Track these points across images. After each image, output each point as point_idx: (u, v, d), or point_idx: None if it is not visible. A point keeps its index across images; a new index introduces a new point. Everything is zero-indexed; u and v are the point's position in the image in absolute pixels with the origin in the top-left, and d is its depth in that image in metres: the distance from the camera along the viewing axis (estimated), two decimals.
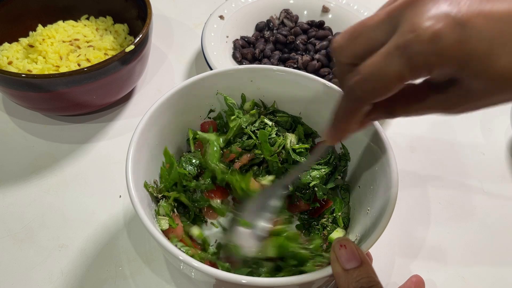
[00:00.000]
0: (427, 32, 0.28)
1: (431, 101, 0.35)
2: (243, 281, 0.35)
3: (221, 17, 0.76)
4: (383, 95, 0.33)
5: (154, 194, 0.48)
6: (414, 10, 0.30)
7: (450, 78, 0.32)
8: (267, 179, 0.52)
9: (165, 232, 0.47)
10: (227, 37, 0.75)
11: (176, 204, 0.51)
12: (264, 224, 0.45)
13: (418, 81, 0.36)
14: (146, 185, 0.47)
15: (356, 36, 0.34)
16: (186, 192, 0.51)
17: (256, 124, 0.54)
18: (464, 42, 0.28)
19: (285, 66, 0.67)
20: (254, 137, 0.53)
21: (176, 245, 0.45)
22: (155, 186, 0.51)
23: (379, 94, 0.33)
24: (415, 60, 0.29)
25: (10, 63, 0.65)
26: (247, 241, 0.44)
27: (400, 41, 0.30)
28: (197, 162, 0.52)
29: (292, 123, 0.56)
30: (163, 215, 0.48)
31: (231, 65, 0.69)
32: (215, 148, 0.51)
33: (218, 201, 0.51)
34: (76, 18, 0.74)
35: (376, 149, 0.47)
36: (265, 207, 0.47)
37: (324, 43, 0.74)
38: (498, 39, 0.28)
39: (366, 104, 0.35)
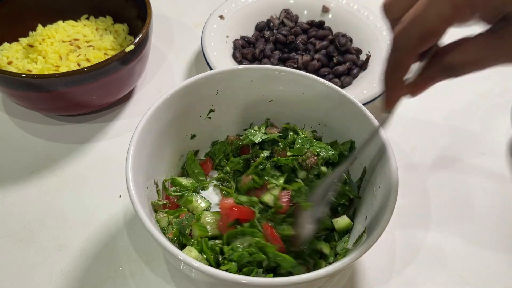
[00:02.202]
0: None
1: (489, 48, 0.32)
2: (243, 281, 0.35)
3: (221, 17, 0.76)
4: (427, 40, 0.32)
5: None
6: None
7: (502, 16, 0.30)
8: (279, 181, 0.52)
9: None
10: (227, 37, 0.75)
11: None
12: None
13: (469, 30, 0.33)
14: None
15: None
16: None
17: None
18: None
19: (285, 66, 0.67)
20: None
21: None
22: (155, 185, 0.51)
23: (423, 40, 0.32)
24: None
25: (10, 63, 0.65)
26: None
27: None
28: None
29: None
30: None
31: (231, 65, 0.69)
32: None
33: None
34: (76, 18, 0.74)
35: (377, 149, 0.47)
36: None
37: (324, 43, 0.74)
38: None
39: (412, 53, 0.34)
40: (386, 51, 0.72)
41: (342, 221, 0.50)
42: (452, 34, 0.34)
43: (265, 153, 0.54)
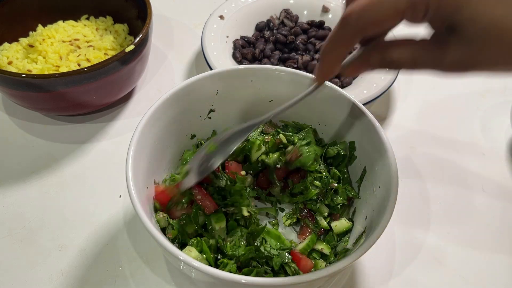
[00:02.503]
0: None
1: (428, 53, 0.34)
2: (243, 281, 0.35)
3: (221, 17, 0.76)
4: (377, 25, 0.33)
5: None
6: None
7: (448, 24, 0.31)
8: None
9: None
10: (227, 37, 0.75)
11: None
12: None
13: (420, 32, 0.34)
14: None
15: None
16: None
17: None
18: None
19: (285, 66, 0.67)
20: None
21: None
22: (154, 185, 0.51)
23: (373, 23, 0.33)
24: None
25: (10, 63, 0.65)
26: None
27: None
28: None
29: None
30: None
31: (231, 65, 0.69)
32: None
33: None
34: (76, 18, 0.74)
35: (376, 149, 0.47)
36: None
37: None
38: None
39: (358, 34, 0.35)
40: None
41: (340, 225, 0.50)
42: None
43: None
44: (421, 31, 0.35)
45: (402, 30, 0.38)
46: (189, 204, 0.50)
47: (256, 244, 0.47)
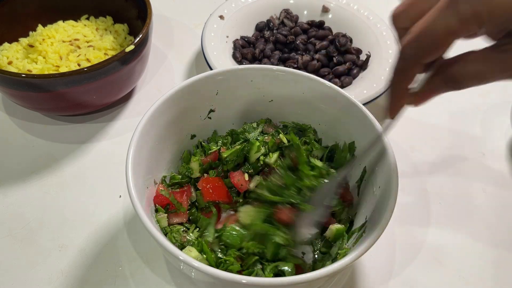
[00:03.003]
0: None
1: (491, 62, 0.33)
2: (243, 281, 0.35)
3: (221, 17, 0.76)
4: (434, 51, 0.33)
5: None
6: None
7: (506, 33, 0.31)
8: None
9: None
10: (227, 37, 0.75)
11: None
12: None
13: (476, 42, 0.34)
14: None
15: (412, 2, 0.35)
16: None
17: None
18: None
19: (285, 66, 0.67)
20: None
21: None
22: (156, 185, 0.51)
23: (429, 51, 0.33)
24: (463, 10, 0.30)
25: (10, 63, 0.65)
26: None
27: None
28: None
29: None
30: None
31: (231, 65, 0.69)
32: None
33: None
34: (76, 18, 0.74)
35: (377, 150, 0.47)
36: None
37: (324, 43, 0.74)
38: None
39: (418, 64, 0.35)
40: (392, 58, 0.72)
41: (330, 232, 0.49)
42: (459, 47, 0.34)
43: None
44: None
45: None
46: (187, 210, 0.51)
47: None
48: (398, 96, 0.39)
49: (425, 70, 0.37)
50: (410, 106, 0.40)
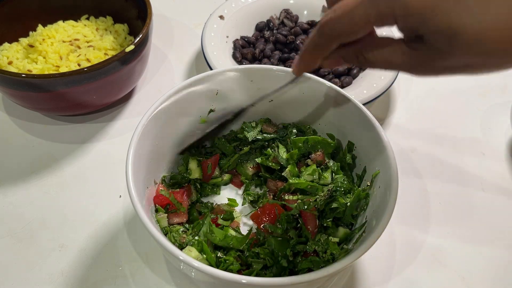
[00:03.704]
0: None
1: (400, 54, 0.36)
2: (243, 281, 0.35)
3: (221, 17, 0.76)
4: (350, 35, 0.36)
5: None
6: None
7: (417, 35, 0.33)
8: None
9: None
10: (227, 37, 0.75)
11: None
12: None
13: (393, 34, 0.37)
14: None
15: None
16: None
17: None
18: None
19: (285, 66, 0.67)
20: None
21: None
22: (156, 185, 0.51)
23: (345, 34, 0.36)
24: (382, 6, 0.32)
25: (10, 63, 0.65)
26: None
27: None
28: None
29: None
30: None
31: (231, 65, 0.69)
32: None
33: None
34: (76, 18, 0.74)
35: (376, 149, 0.47)
36: None
37: None
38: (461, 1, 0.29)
39: (333, 42, 0.38)
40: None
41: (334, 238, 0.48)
42: None
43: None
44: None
45: None
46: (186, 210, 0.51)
47: None
48: (308, 63, 0.44)
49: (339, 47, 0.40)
50: (320, 66, 0.44)
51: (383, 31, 0.66)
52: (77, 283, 0.50)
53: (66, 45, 0.67)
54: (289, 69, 0.53)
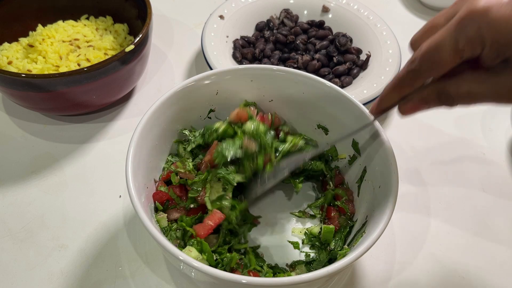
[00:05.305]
0: (479, 6, 0.31)
1: (484, 84, 0.35)
2: (243, 281, 0.35)
3: (221, 17, 0.76)
4: (439, 67, 0.35)
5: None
6: None
7: (504, 58, 0.33)
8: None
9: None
10: (227, 37, 0.75)
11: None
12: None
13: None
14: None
15: (428, 29, 0.37)
16: None
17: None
18: None
19: (285, 66, 0.67)
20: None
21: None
22: (156, 185, 0.51)
23: (434, 66, 0.35)
24: (470, 31, 0.32)
25: (10, 63, 0.64)
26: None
27: (456, 18, 0.33)
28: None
29: None
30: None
31: (231, 65, 0.69)
32: None
33: None
34: (76, 18, 0.74)
35: (377, 150, 0.47)
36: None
37: (324, 43, 0.74)
38: None
39: (421, 77, 0.37)
40: (392, 58, 0.72)
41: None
42: None
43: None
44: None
45: None
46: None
47: None
48: (390, 100, 0.41)
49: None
50: (398, 114, 0.41)
51: None
52: (77, 283, 0.50)
53: (66, 45, 0.67)
54: (289, 69, 0.54)
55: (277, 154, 0.51)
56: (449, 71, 0.35)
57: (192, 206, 0.50)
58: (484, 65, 0.34)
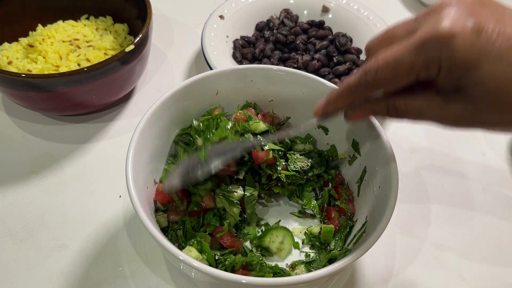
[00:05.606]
0: (443, 30, 0.30)
1: (434, 107, 0.35)
2: (243, 281, 0.35)
3: (221, 17, 0.76)
4: (391, 83, 0.34)
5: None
6: (436, 15, 0.32)
7: (456, 86, 0.33)
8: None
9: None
10: (227, 37, 0.75)
11: None
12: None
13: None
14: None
15: (386, 37, 0.36)
16: None
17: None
18: (476, 47, 0.30)
19: (285, 66, 0.67)
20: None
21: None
22: (156, 185, 0.51)
23: (389, 81, 0.34)
24: (430, 53, 0.31)
25: (10, 63, 0.64)
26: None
27: (418, 38, 0.32)
28: None
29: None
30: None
31: (231, 65, 0.69)
32: None
33: None
34: (76, 18, 0.74)
35: (377, 150, 0.47)
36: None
37: (324, 43, 0.74)
38: (509, 56, 0.29)
39: (372, 89, 0.36)
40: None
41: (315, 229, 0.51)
42: None
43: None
44: None
45: None
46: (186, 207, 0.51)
47: None
48: (336, 106, 0.41)
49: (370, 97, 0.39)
50: (343, 118, 0.42)
51: None
52: (77, 283, 0.50)
53: (66, 45, 0.67)
54: (289, 69, 0.54)
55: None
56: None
57: (195, 209, 0.50)
58: (437, 88, 0.34)
